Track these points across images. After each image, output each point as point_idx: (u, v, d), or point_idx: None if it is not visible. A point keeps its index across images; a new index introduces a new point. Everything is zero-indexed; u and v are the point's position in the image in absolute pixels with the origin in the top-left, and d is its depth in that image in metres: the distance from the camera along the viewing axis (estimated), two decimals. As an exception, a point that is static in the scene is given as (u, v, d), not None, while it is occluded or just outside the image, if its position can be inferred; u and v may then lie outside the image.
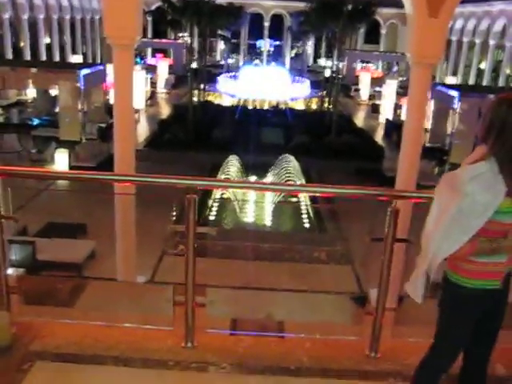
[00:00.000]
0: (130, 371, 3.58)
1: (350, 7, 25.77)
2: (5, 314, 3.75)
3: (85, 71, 22.91)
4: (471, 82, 40.63)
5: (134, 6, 9.35)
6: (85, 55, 44.79)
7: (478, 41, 40.32)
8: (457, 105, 21.64)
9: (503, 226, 2.74)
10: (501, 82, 36.77)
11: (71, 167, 18.75)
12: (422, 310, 3.19)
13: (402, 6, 10.28)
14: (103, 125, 23.46)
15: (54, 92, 24.91)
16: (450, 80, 41.19)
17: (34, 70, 24.30)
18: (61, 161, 18.92)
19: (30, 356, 3.60)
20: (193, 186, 3.46)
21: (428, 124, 23.89)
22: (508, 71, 38.29)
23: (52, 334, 3.82)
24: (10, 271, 3.89)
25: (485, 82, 38.42)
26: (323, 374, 3.58)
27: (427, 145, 22.67)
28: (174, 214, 10.28)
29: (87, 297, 4.46)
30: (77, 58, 40.43)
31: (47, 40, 41.16)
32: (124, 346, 3.75)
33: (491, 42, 38.24)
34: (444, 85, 28.25)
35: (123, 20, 9.34)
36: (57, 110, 23.93)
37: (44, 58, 39.00)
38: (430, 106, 23.65)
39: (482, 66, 41.18)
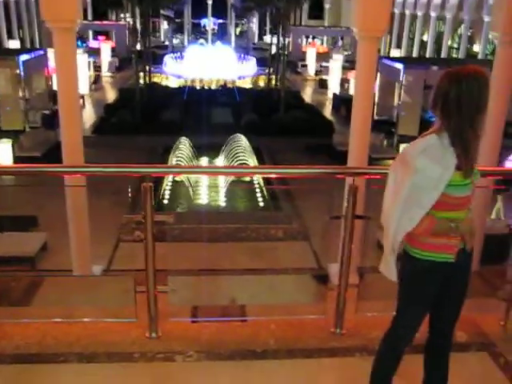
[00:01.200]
0: (94, 367, 3.50)
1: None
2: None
3: (24, 57, 22.05)
4: (415, 54, 41.33)
5: (73, -13, 9.01)
6: (22, 40, 43.11)
7: (419, 13, 40.94)
8: (402, 77, 21.97)
9: (457, 199, 2.77)
10: (443, 54, 37.55)
11: (16, 157, 18.12)
12: (383, 284, 3.21)
13: (345, -19, 10.29)
14: (47, 112, 22.72)
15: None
16: (395, 53, 41.79)
17: (-32, 57, 23.24)
18: (4, 151, 18.23)
19: (-12, 360, 3.46)
20: (148, 174, 3.37)
21: (375, 97, 24.20)
22: (449, 42, 39.11)
23: (10, 335, 3.68)
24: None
25: (428, 54, 39.15)
26: (290, 354, 3.59)
27: (375, 118, 22.97)
28: (130, 201, 10.09)
29: (44, 293, 4.32)
30: (14, 43, 38.88)
31: (-20, 25, 39.41)
32: (86, 341, 3.65)
33: (432, 14, 38.91)
34: (389, 58, 28.66)
35: (61, 2, 8.99)
36: (-3, 99, 23.04)
37: (-21, 44, 37.40)
38: (377, 79, 23.94)
39: (425, 38, 41.91)
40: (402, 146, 19.53)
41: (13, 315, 3.99)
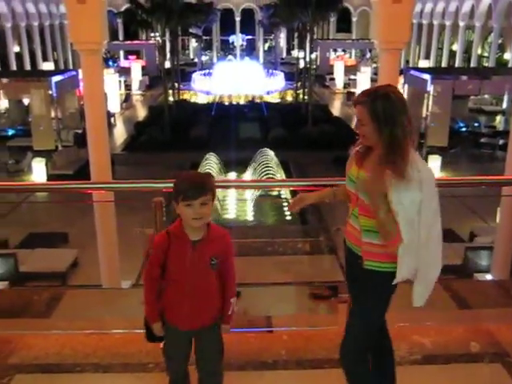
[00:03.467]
0: (110, 377, 3.60)
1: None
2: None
3: (56, 78, 22.74)
4: (444, 64, 40.97)
5: (98, 10, 9.32)
6: (56, 62, 44.33)
7: (448, 23, 40.64)
8: (429, 88, 21.82)
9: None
10: (473, 63, 37.12)
11: (49, 176, 18.62)
12: (394, 295, 3.23)
13: (369, -6, 10.37)
14: (79, 131, 23.30)
15: (27, 101, 24.68)
16: (423, 63, 41.50)
17: (4, 80, 24.04)
18: (38, 170, 18.76)
19: (9, 369, 3.59)
20: (158, 189, 3.48)
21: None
22: (479, 51, 38.66)
23: (30, 345, 3.82)
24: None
25: (457, 64, 38.74)
26: (299, 365, 3.63)
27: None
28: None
29: (65, 306, 4.46)
30: (48, 65, 40.00)
31: (16, 49, 40.66)
32: (103, 352, 3.76)
33: (461, 24, 38.56)
34: (417, 69, 28.48)
35: (88, 25, 9.31)
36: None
37: (14, 67, 38.56)
38: (404, 90, 23.83)
39: (454, 47, 41.52)
40: (431, 157, 19.38)
41: (35, 327, 4.12)
